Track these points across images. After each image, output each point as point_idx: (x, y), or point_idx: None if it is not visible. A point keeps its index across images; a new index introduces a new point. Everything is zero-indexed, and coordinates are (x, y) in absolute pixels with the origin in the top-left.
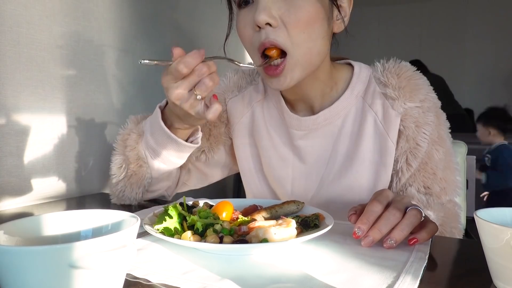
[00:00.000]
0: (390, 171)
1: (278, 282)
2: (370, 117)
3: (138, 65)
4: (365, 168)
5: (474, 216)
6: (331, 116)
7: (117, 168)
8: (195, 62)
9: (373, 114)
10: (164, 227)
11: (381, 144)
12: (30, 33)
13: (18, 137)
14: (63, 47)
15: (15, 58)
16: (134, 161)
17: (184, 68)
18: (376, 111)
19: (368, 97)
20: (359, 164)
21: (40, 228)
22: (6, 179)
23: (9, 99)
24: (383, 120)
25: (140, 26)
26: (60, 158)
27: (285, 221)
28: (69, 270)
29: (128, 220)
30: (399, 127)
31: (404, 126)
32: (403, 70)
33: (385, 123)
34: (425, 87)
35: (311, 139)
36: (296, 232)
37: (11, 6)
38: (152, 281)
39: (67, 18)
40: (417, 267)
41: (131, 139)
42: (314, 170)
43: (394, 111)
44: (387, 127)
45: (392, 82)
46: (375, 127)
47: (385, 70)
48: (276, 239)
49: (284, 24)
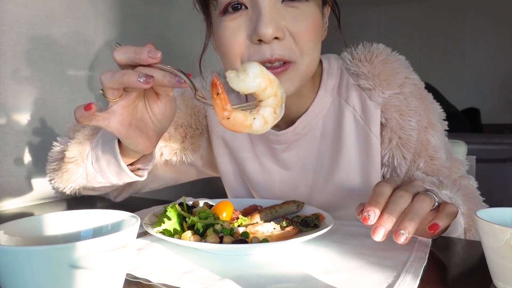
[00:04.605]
0: (379, 168)
1: (278, 282)
2: (349, 113)
3: None
4: (352, 168)
5: (474, 216)
6: (309, 122)
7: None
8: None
9: (350, 109)
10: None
11: (365, 141)
12: (30, 33)
13: (18, 137)
14: (63, 47)
15: (15, 58)
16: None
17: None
18: (354, 105)
19: (342, 91)
20: (345, 166)
21: (40, 228)
22: (6, 179)
23: (9, 99)
24: (363, 114)
25: (141, 26)
26: None
27: None
28: (70, 270)
29: (128, 220)
30: (380, 120)
31: (387, 118)
32: (375, 54)
33: (365, 117)
34: (402, 70)
35: (294, 150)
36: None
37: (11, 6)
38: (152, 281)
39: (67, 18)
40: (417, 267)
41: (83, 133)
42: (302, 178)
43: (372, 103)
44: (367, 121)
45: (363, 71)
46: (356, 123)
47: (354, 59)
48: None
49: (291, 34)
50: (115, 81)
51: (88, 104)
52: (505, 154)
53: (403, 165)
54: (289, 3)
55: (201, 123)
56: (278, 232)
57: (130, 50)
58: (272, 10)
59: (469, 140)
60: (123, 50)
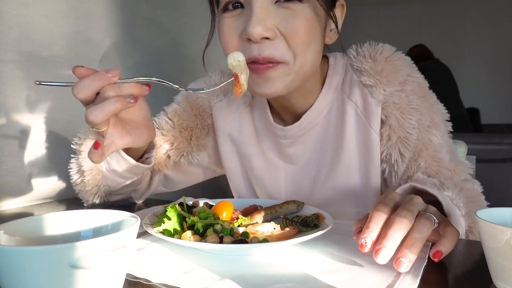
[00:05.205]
0: (379, 164)
1: (278, 282)
2: (351, 109)
3: (138, 65)
4: (353, 163)
5: (474, 216)
6: (314, 118)
7: (74, 173)
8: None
9: (353, 105)
10: (163, 229)
11: (365, 136)
12: (30, 33)
13: (18, 137)
14: (63, 47)
15: (15, 58)
16: (88, 169)
17: (79, 93)
18: (356, 101)
19: (346, 88)
20: (346, 161)
21: (40, 228)
22: (6, 179)
23: (9, 99)
24: (364, 110)
25: (141, 26)
26: (60, 158)
27: None
28: (70, 270)
29: (128, 220)
30: (381, 117)
31: (386, 115)
32: (379, 52)
33: (366, 113)
34: (404, 68)
35: (299, 145)
36: None
37: (11, 6)
38: (152, 281)
39: (67, 18)
40: (417, 267)
41: (86, 145)
42: (306, 172)
43: (373, 100)
44: (368, 118)
45: (366, 67)
46: (357, 119)
47: (359, 55)
48: None
49: (282, 34)
50: (107, 114)
51: (95, 143)
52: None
53: (401, 163)
54: (282, 4)
55: (206, 123)
56: (278, 232)
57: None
58: (263, 10)
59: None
60: (81, 86)
